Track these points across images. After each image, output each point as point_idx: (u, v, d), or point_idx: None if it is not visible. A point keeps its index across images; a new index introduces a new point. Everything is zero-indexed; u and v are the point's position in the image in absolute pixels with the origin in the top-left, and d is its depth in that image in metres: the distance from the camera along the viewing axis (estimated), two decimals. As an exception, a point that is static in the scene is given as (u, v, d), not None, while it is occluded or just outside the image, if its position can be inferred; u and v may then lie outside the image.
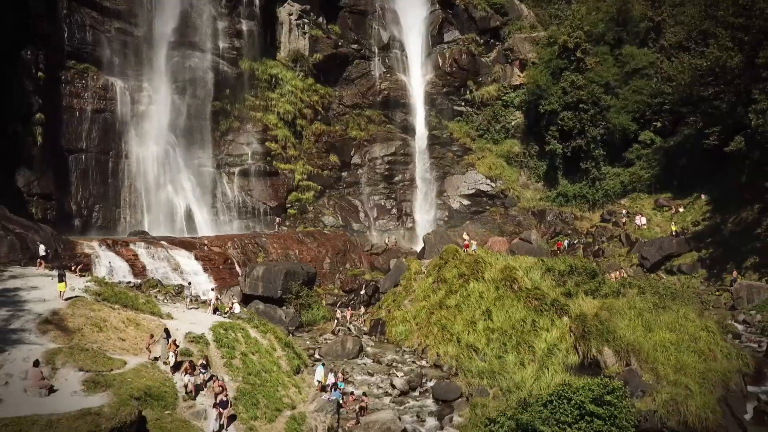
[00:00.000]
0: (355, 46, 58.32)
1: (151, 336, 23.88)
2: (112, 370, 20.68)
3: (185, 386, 22.11)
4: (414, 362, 32.61)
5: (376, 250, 50.66)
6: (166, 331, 24.06)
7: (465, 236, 42.35)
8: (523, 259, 37.38)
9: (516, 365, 28.46)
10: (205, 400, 22.36)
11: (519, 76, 60.90)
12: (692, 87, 48.64)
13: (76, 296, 25.88)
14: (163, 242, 41.70)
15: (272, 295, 38.32)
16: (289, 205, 53.73)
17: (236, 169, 52.75)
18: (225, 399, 21.19)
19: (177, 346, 23.61)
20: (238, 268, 42.22)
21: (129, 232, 44.90)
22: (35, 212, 40.95)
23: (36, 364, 18.38)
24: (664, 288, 32.21)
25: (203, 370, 22.81)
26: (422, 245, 49.41)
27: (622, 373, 24.70)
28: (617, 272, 40.35)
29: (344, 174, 57.94)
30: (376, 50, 58.73)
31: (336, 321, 37.70)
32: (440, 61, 59.96)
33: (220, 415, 20.81)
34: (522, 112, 61.05)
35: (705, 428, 22.72)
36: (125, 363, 21.79)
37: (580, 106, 55.80)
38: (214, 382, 22.37)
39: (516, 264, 35.98)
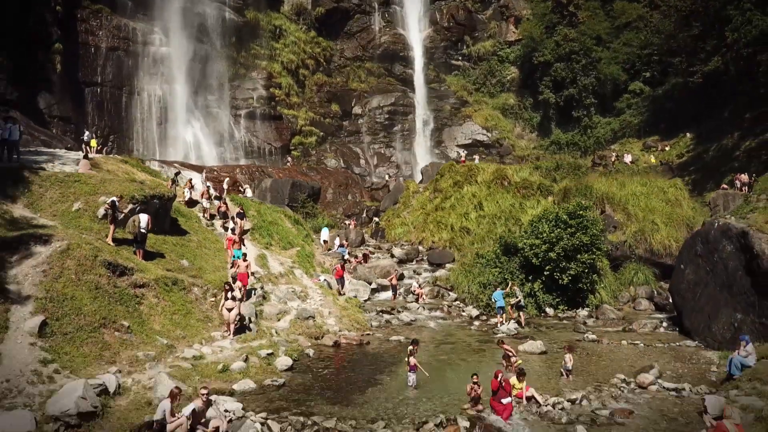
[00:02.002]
0: (355, 0, 62.47)
1: (173, 182, 27.50)
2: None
3: (203, 211, 25.78)
4: (411, 246, 36.14)
5: (377, 186, 54.30)
6: (177, 174, 27.84)
7: (462, 152, 45.88)
8: (513, 166, 41.09)
9: (504, 233, 32.02)
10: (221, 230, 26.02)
11: (514, 32, 64.99)
12: (677, 32, 52.84)
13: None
14: (175, 164, 45.35)
15: (279, 204, 41.84)
16: (292, 148, 57.44)
17: (242, 112, 56.48)
18: (241, 211, 24.87)
19: (192, 186, 27.33)
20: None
21: (141, 161, 48.56)
22: (56, 133, 44.62)
23: (85, 156, 22.07)
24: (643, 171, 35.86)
25: (218, 200, 26.54)
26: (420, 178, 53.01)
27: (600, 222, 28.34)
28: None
29: (345, 123, 61.68)
30: (376, 5, 62.83)
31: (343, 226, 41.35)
32: (438, 16, 64.11)
33: (236, 224, 24.47)
34: (517, 67, 65.01)
35: (669, 254, 26.35)
36: (155, 196, 25.28)
37: (572, 56, 59.69)
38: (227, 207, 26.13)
39: (507, 167, 39.74)
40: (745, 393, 12.84)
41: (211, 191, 27.64)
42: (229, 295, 16.35)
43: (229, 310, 16.20)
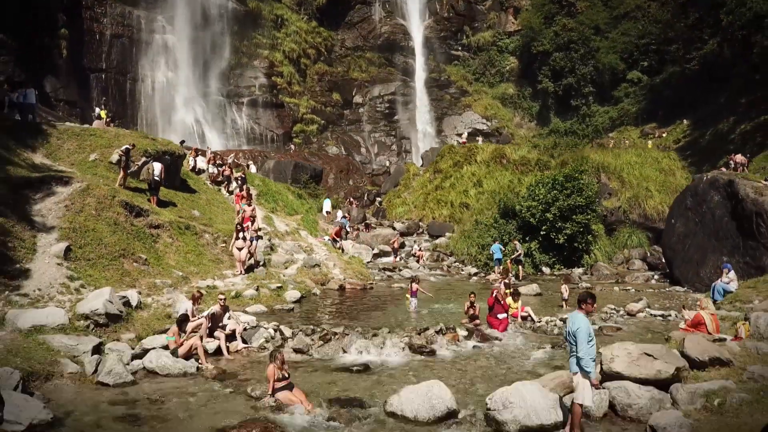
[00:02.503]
0: (356, -9, 63.63)
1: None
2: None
3: (209, 178, 26.80)
4: (412, 221, 37.13)
5: (377, 172, 55.33)
6: (182, 143, 28.83)
7: (464, 137, 46.90)
8: (512, 145, 42.12)
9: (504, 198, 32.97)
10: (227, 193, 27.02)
11: (513, 23, 66.14)
12: (674, 20, 54.08)
13: (116, 128, 30.57)
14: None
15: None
16: (294, 135, 58.48)
17: (245, 99, 57.55)
18: (243, 176, 25.91)
19: (197, 153, 28.36)
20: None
21: (145, 144, 49.56)
22: (62, 115, 45.60)
23: (99, 117, 23.07)
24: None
25: (221, 167, 27.58)
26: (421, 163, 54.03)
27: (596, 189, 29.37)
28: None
29: (346, 112, 62.74)
30: (377, -5, 64.00)
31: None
32: (438, 6, 65.25)
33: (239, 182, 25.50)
34: (516, 57, 66.14)
35: (662, 219, 27.34)
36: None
37: (571, 46, 60.86)
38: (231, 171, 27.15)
39: (505, 146, 40.77)
40: (726, 311, 13.82)
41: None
42: (240, 235, 17.35)
43: (239, 249, 17.21)
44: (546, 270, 24.76)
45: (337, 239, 24.54)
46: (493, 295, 13.70)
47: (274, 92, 58.89)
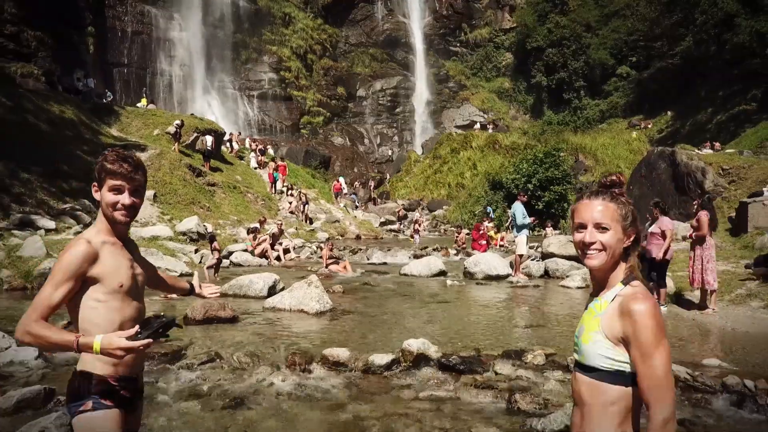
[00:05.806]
0: (360, -10, 68.78)
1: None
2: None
3: (235, 153, 31.88)
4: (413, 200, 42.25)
5: (380, 160, 60.44)
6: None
7: (476, 127, 51.99)
8: (504, 133, 47.26)
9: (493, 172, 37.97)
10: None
11: (509, 20, 71.36)
12: (661, 18, 59.39)
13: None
14: (197, 135, 51.45)
15: (293, 168, 47.94)
16: (301, 126, 63.61)
17: (255, 93, 62.68)
18: (263, 148, 30.96)
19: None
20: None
21: (165, 133, 54.64)
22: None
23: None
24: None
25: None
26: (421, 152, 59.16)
27: (572, 165, 34.48)
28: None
29: (350, 105, 67.89)
30: (379, -6, 69.16)
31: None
32: (437, 5, 70.43)
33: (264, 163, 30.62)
34: (512, 52, 71.34)
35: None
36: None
37: (564, 42, 66.05)
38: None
39: (498, 134, 45.91)
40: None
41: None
42: (288, 192, 22.51)
43: (290, 203, 22.37)
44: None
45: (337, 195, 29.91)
46: (479, 230, 18.78)
47: (282, 86, 64.02)
